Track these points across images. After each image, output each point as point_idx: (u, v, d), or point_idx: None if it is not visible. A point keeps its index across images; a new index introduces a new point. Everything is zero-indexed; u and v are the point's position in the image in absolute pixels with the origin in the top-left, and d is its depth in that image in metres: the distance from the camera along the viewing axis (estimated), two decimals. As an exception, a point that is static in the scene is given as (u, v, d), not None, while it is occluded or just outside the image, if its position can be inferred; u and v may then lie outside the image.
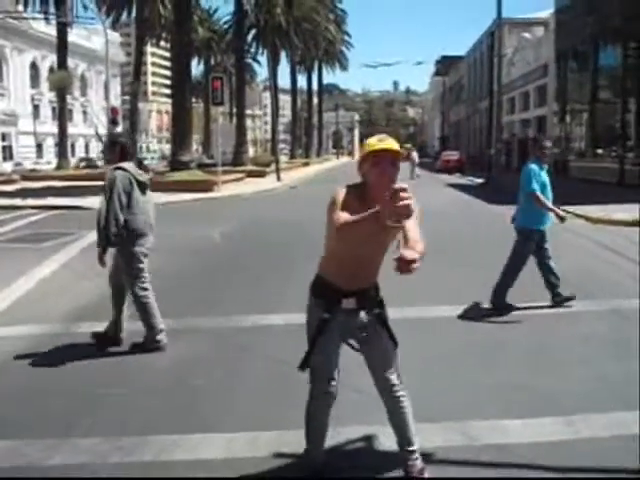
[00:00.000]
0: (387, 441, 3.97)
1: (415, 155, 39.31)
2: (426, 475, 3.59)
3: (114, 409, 4.76)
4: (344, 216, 3.11)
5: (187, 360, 5.86)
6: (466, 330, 6.70)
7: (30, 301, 8.24)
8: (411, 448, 3.61)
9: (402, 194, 2.77)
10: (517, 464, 3.86)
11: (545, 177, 7.49)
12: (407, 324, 6.44)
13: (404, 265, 2.79)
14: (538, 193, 7.29)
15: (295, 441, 4.03)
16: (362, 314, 3.49)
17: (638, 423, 4.22)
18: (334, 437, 4.02)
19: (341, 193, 3.26)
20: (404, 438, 3.62)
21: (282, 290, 8.55)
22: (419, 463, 3.61)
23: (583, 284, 8.51)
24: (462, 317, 7.13)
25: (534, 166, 7.50)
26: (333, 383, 3.52)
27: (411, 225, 3.16)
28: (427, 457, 3.84)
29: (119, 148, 6.09)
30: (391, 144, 3.28)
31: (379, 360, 3.54)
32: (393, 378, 3.53)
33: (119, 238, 5.88)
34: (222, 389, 5.11)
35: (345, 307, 3.45)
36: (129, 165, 6.00)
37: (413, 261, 2.80)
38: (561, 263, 9.92)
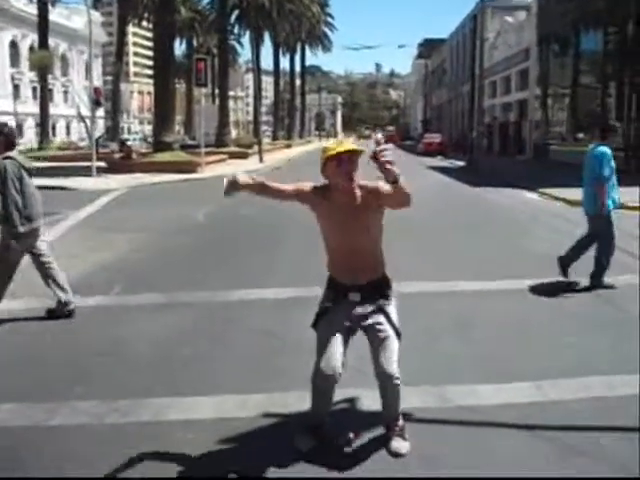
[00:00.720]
0: (370, 403, 4.27)
1: (380, 136, 39.86)
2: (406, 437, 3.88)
3: (108, 376, 4.99)
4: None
5: (176, 332, 6.10)
6: (448, 306, 6.96)
7: (21, 277, 8.38)
8: (398, 423, 3.90)
9: (381, 153, 3.26)
10: (487, 422, 4.15)
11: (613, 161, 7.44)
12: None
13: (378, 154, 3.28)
14: (604, 184, 7.30)
15: (282, 402, 4.31)
16: (366, 306, 3.78)
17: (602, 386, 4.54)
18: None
19: (309, 192, 3.76)
20: (391, 415, 3.91)
21: (267, 267, 8.81)
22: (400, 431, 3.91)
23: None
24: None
25: (608, 150, 7.42)
26: (324, 365, 3.65)
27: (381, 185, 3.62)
28: (405, 416, 4.13)
29: (3, 138, 6.38)
30: (347, 146, 3.66)
31: (380, 349, 3.72)
32: (392, 368, 3.70)
33: (23, 221, 6.29)
34: (210, 358, 5.36)
35: (352, 299, 3.77)
36: (15, 153, 6.43)
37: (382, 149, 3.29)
38: (539, 243, 10.26)
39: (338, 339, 3.70)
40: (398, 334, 3.80)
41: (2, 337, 6.00)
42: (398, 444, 3.83)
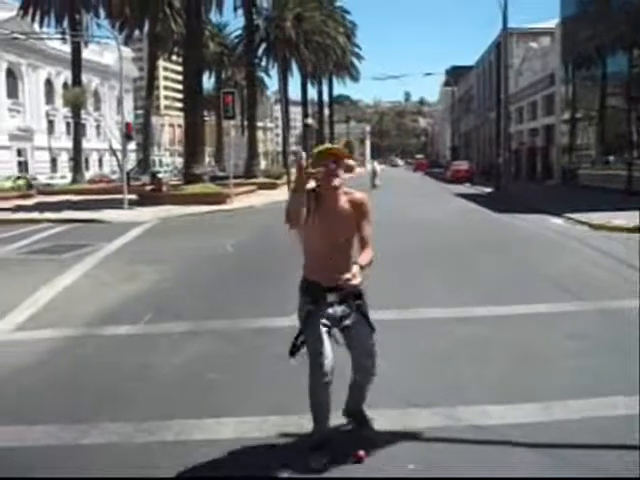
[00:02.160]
0: (380, 421, 4.50)
1: (376, 164, 44.42)
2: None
3: (136, 399, 5.27)
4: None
5: (201, 358, 6.37)
6: (457, 329, 7.15)
7: (55, 307, 8.78)
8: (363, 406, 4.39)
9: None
10: (495, 441, 4.33)
11: None
12: (405, 324, 6.96)
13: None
14: None
15: (299, 423, 4.54)
16: (344, 306, 4.05)
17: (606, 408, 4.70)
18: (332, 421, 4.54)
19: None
20: (357, 404, 4.39)
21: (291, 296, 9.05)
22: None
23: (576, 285, 8.99)
24: None
25: None
26: (326, 361, 3.90)
27: (365, 225, 4.05)
28: (415, 436, 4.35)
29: None
30: (329, 146, 4.18)
31: (358, 346, 4.08)
32: (369, 362, 4.10)
33: None
34: (233, 382, 5.61)
35: (329, 301, 4.02)
36: None
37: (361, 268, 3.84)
38: (559, 266, 10.39)
39: (327, 345, 3.96)
40: (373, 330, 4.12)
41: (41, 362, 6.32)
42: (371, 420, 4.38)
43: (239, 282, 10.43)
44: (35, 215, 24.06)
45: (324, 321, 4.01)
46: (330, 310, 4.03)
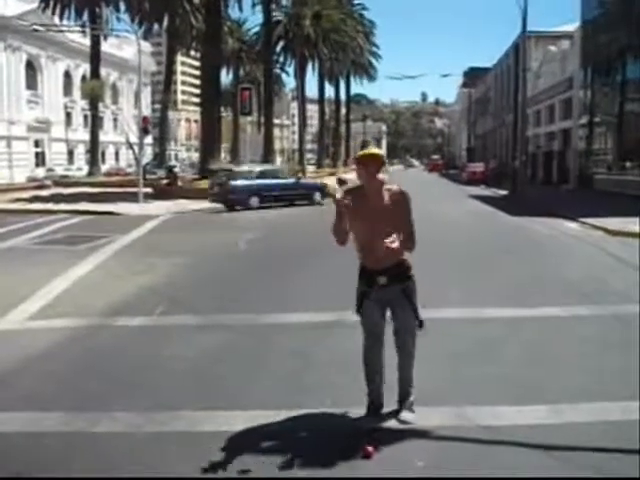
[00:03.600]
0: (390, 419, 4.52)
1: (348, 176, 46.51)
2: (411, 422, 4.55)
3: (148, 390, 5.31)
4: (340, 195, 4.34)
5: (213, 351, 6.40)
6: (470, 329, 7.14)
7: (69, 297, 8.85)
8: (409, 389, 4.72)
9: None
10: (505, 441, 4.33)
11: None
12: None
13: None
14: None
15: (310, 417, 4.56)
16: (392, 288, 4.52)
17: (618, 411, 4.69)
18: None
19: (338, 193, 4.38)
20: (406, 384, 4.72)
21: (302, 292, 9.09)
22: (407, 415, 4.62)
23: (590, 289, 8.96)
24: None
25: None
26: (377, 331, 4.60)
27: (405, 214, 4.50)
28: (425, 434, 4.36)
29: None
30: (367, 151, 4.48)
31: (402, 327, 4.61)
32: (409, 343, 4.64)
33: None
34: (244, 375, 5.64)
35: (380, 283, 4.49)
36: None
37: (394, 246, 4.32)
38: (576, 271, 10.36)
39: (377, 318, 4.58)
40: (416, 316, 4.59)
41: (55, 351, 6.38)
42: (406, 415, 4.60)
43: (252, 277, 10.46)
44: (50, 206, 24.23)
45: (375, 303, 4.54)
46: (380, 292, 4.51)
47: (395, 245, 4.31)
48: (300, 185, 26.68)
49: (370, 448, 4.09)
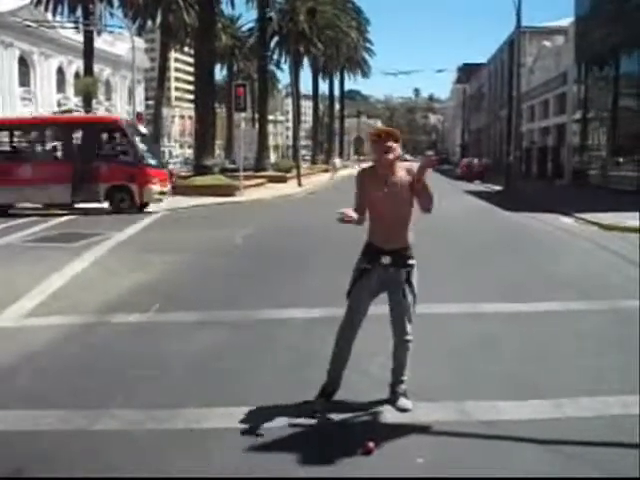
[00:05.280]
0: (390, 415, 4.51)
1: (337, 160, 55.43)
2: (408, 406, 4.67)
3: (145, 388, 5.28)
4: (351, 213, 4.51)
5: (210, 347, 6.37)
6: (469, 325, 7.14)
7: (65, 295, 8.81)
8: (403, 378, 4.77)
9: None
10: (504, 436, 4.32)
11: None
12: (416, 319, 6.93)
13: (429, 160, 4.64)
14: None
15: (309, 414, 4.54)
16: (394, 269, 4.62)
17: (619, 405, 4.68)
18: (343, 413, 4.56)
19: (358, 175, 4.78)
20: (399, 371, 4.78)
21: (298, 288, 9.07)
22: (404, 401, 4.71)
23: (587, 284, 8.98)
24: None
25: None
26: (359, 315, 4.69)
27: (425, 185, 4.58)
28: (425, 430, 4.35)
29: None
30: (381, 128, 4.86)
31: (400, 310, 4.68)
32: (407, 327, 4.69)
33: None
34: (242, 372, 5.61)
35: (382, 263, 4.60)
36: None
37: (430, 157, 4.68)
38: (569, 266, 10.39)
39: (364, 305, 4.68)
40: (415, 300, 4.70)
41: (52, 348, 6.35)
42: (403, 402, 4.69)
43: (248, 273, 10.43)
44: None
45: (373, 285, 4.65)
46: (382, 272, 4.62)
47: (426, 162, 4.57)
48: None
49: (370, 444, 4.08)
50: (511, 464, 3.97)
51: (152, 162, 22.19)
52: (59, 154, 22.54)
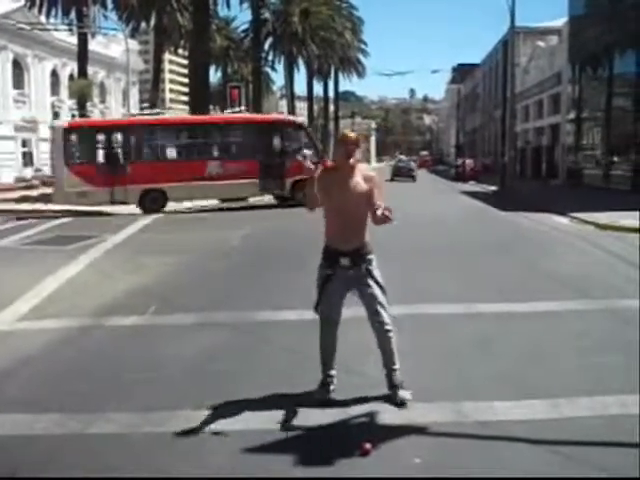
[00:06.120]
0: (387, 416, 4.49)
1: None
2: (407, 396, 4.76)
3: (142, 390, 5.26)
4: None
5: (207, 349, 6.35)
6: (470, 326, 7.13)
7: (60, 298, 8.78)
8: (395, 367, 4.85)
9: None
10: (501, 436, 4.31)
11: None
12: (412, 320, 6.94)
13: (386, 217, 4.54)
14: None
15: (306, 416, 4.54)
16: (355, 270, 4.76)
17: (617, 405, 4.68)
18: (340, 415, 4.55)
19: (319, 174, 4.78)
20: (389, 360, 4.85)
21: (293, 289, 9.04)
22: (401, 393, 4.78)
23: (583, 284, 8.98)
24: None
25: None
26: (334, 317, 4.88)
27: (376, 193, 4.74)
28: (422, 430, 4.34)
29: None
30: (347, 135, 4.86)
31: (370, 302, 4.78)
32: (383, 316, 4.76)
33: None
34: (239, 374, 5.60)
35: (342, 265, 4.75)
36: None
37: (388, 210, 4.54)
38: (565, 266, 10.39)
39: (335, 305, 4.85)
40: (384, 291, 4.82)
41: (47, 352, 6.32)
42: (402, 394, 4.77)
43: (243, 274, 10.41)
44: (39, 206, 24.07)
45: (340, 287, 4.78)
46: (344, 273, 4.75)
47: (388, 213, 4.54)
48: None
49: (367, 445, 4.07)
50: (508, 464, 3.96)
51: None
52: (248, 152, 23.61)
